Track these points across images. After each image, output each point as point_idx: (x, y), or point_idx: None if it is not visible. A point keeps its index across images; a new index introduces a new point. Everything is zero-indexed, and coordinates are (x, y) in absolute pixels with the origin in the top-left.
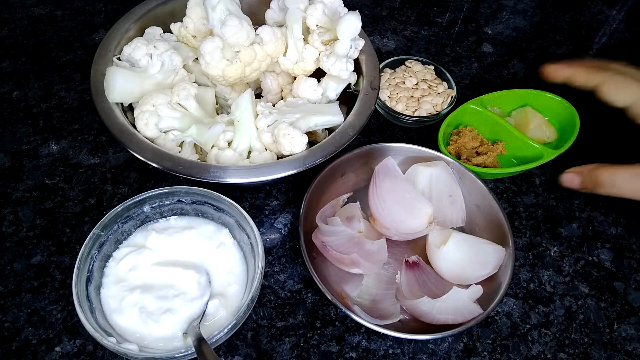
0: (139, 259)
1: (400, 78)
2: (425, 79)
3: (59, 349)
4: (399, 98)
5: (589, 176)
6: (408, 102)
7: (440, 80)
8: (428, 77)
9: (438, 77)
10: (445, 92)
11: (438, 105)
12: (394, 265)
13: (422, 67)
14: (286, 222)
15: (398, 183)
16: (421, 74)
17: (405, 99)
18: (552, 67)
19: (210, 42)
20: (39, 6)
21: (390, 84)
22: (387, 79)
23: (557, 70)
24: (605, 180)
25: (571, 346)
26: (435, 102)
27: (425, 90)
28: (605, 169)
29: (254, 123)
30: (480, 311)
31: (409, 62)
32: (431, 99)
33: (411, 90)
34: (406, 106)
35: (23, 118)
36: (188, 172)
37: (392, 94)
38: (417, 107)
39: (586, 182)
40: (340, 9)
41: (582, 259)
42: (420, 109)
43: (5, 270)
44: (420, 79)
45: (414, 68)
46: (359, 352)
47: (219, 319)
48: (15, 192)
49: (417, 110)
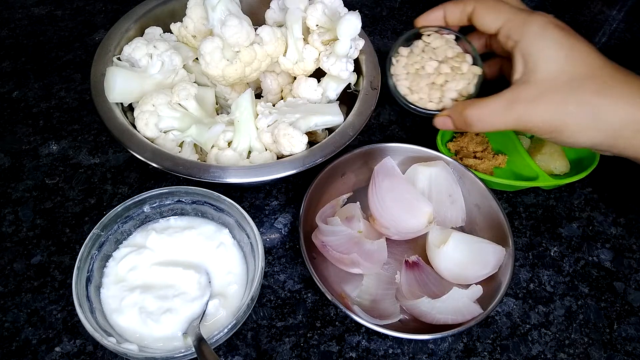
0: (139, 259)
1: (419, 62)
2: (446, 58)
3: (59, 349)
4: (420, 88)
5: (459, 117)
6: (431, 92)
7: (464, 55)
8: (449, 54)
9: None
10: (470, 72)
11: (464, 90)
12: (394, 265)
13: (443, 42)
14: (286, 222)
15: (398, 183)
16: (441, 50)
17: (427, 88)
18: (420, 17)
19: (210, 42)
20: (39, 6)
21: (408, 71)
22: (404, 65)
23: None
24: (474, 119)
25: (571, 346)
26: (459, 86)
27: (449, 74)
28: (472, 107)
29: (254, 123)
30: (480, 311)
31: (427, 37)
32: (455, 84)
33: (432, 76)
34: (429, 97)
35: (23, 118)
36: (188, 172)
37: (412, 85)
38: (440, 96)
39: (458, 123)
40: (340, 9)
41: (582, 259)
42: (444, 98)
43: (5, 270)
44: (441, 58)
45: (432, 44)
46: (359, 352)
47: (219, 319)
48: (15, 192)
49: (441, 100)
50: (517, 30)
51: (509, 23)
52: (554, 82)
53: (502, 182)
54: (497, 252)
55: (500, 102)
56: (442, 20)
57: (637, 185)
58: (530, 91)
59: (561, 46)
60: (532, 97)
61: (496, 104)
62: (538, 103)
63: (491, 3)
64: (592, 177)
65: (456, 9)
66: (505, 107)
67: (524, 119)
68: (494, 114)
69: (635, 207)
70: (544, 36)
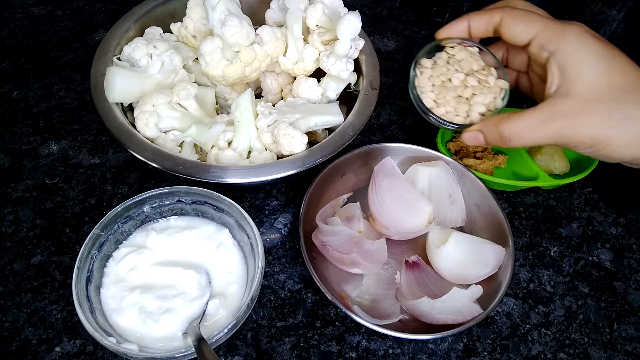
0: (139, 259)
1: (445, 74)
2: (472, 71)
3: (59, 349)
4: (447, 101)
5: (493, 132)
6: (458, 106)
7: (489, 68)
8: (475, 67)
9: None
10: (496, 85)
11: (491, 104)
12: (394, 265)
13: (467, 54)
14: (286, 222)
15: (397, 183)
16: (466, 62)
17: (454, 101)
18: (443, 29)
19: (210, 42)
20: (39, 6)
21: (434, 83)
22: (429, 77)
23: (449, 28)
24: (512, 133)
25: (571, 346)
26: (487, 100)
27: (476, 87)
28: (509, 121)
29: (254, 123)
30: (480, 311)
31: (450, 49)
32: (483, 98)
33: (459, 89)
34: (456, 110)
35: (23, 118)
36: (188, 172)
37: (438, 98)
38: (468, 110)
39: (491, 138)
40: (340, 9)
41: (582, 259)
42: (472, 112)
43: (5, 270)
44: (466, 70)
45: (457, 56)
46: (359, 352)
47: (219, 319)
48: (15, 192)
49: (468, 114)
50: (552, 41)
51: (543, 33)
52: (595, 95)
53: (502, 182)
54: (497, 252)
55: (539, 116)
56: (465, 32)
57: (637, 185)
58: (572, 104)
59: (601, 57)
60: (574, 110)
61: (534, 118)
62: (581, 116)
63: (521, 13)
64: (592, 177)
65: (481, 20)
66: (545, 120)
67: (565, 133)
68: (532, 128)
69: (635, 207)
70: (582, 47)
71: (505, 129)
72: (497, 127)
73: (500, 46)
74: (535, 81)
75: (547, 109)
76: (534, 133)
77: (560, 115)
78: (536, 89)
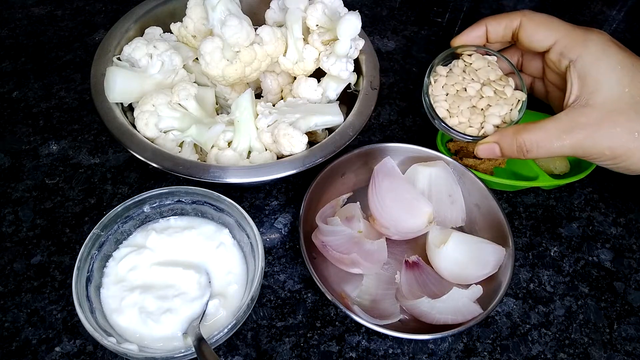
0: (139, 259)
1: (460, 83)
2: (489, 80)
3: (59, 349)
4: (461, 112)
5: (511, 143)
6: (472, 117)
7: (507, 78)
8: (492, 77)
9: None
10: (513, 97)
11: (507, 116)
12: (394, 265)
13: (485, 63)
14: (286, 222)
15: (397, 183)
16: (484, 72)
17: (468, 112)
18: (459, 37)
19: (210, 42)
20: (39, 6)
21: (448, 92)
22: (443, 85)
23: (466, 35)
24: (532, 144)
25: (571, 346)
26: (502, 112)
27: (492, 98)
28: (527, 132)
29: (254, 123)
30: (480, 311)
31: (468, 57)
32: (498, 109)
33: (474, 99)
34: (469, 121)
35: (23, 118)
36: (188, 172)
37: (451, 108)
38: (482, 122)
39: (508, 150)
40: (340, 9)
41: (582, 259)
42: (486, 124)
43: (5, 270)
44: (483, 80)
45: (474, 65)
46: (359, 352)
47: (219, 319)
48: (15, 192)
49: (482, 126)
50: (574, 49)
51: (564, 40)
52: (616, 105)
53: (502, 182)
54: (497, 252)
55: (557, 126)
56: (483, 38)
57: (637, 185)
58: (592, 115)
59: (624, 67)
60: (595, 121)
61: (553, 129)
62: (601, 128)
63: (542, 18)
64: (592, 177)
65: (499, 25)
66: (564, 131)
67: (585, 144)
68: (551, 139)
69: (635, 207)
70: (605, 56)
71: (525, 139)
72: (514, 138)
73: (514, 52)
74: (551, 88)
75: (566, 119)
76: (553, 144)
77: (579, 126)
78: (552, 95)
